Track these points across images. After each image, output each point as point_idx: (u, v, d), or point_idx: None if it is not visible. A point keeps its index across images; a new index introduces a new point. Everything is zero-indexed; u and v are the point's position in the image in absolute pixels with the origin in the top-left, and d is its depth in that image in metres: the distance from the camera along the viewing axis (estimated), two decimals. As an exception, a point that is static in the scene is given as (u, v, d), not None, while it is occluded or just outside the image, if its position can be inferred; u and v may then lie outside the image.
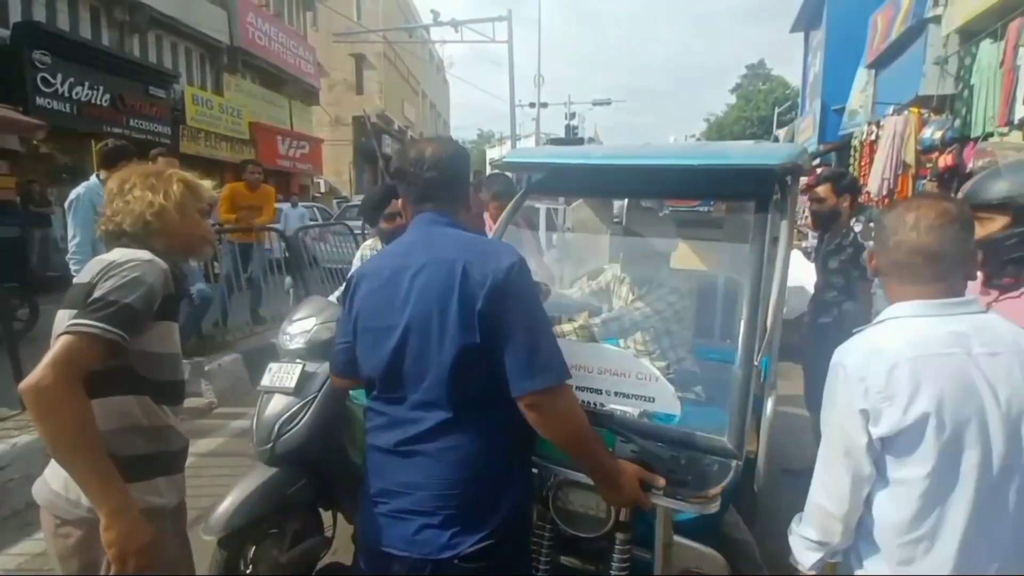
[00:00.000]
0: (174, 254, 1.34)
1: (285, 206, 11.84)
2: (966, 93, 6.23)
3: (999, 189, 1.42)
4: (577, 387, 1.32)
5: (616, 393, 1.28)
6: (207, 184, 1.44)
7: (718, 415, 1.56)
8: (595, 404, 1.30)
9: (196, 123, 12.65)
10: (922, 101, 7.32)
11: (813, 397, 3.05)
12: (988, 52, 5.83)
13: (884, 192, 7.21)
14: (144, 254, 1.23)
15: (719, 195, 1.86)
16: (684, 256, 3.14)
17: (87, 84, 9.96)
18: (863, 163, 8.26)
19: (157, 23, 12.32)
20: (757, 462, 2.01)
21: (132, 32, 11.92)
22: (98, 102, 10.26)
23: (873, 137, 7.98)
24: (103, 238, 1.33)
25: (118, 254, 1.23)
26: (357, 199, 13.66)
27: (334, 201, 17.58)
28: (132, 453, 1.20)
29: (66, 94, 9.60)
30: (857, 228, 2.76)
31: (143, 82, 11.26)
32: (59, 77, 9.38)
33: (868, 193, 7.48)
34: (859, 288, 2.72)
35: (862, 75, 10.42)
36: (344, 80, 23.57)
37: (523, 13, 17.02)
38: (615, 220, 3.19)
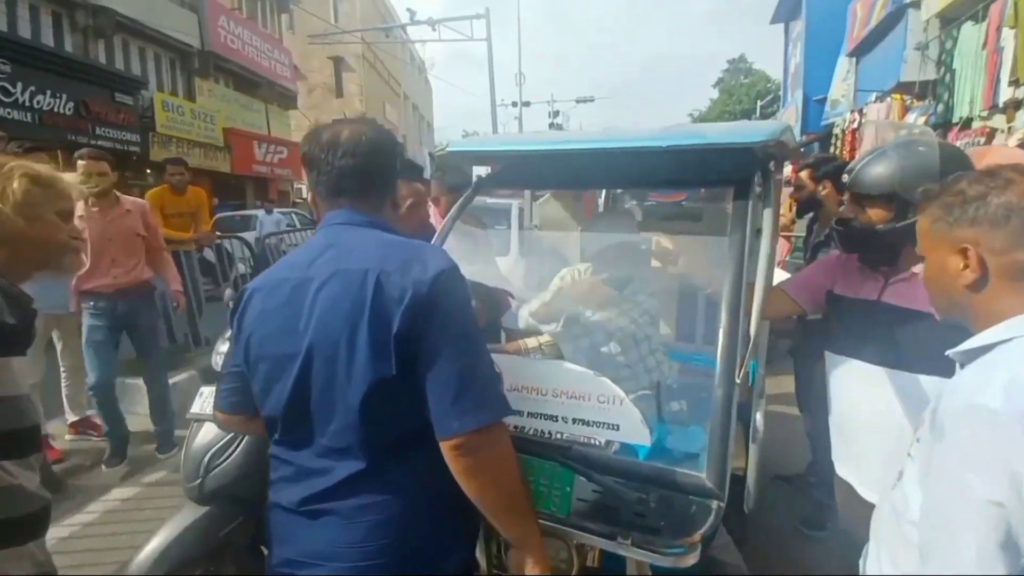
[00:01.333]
0: (21, 268, 1.10)
1: (259, 212, 11.53)
2: (948, 78, 6.13)
3: (883, 179, 1.38)
4: (529, 413, 1.11)
5: (575, 420, 1.07)
6: (71, 179, 1.19)
7: (703, 436, 1.36)
8: (549, 433, 1.09)
9: (167, 130, 12.29)
10: (904, 87, 7.23)
11: (806, 398, 2.86)
12: (970, 35, 5.73)
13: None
14: None
15: (694, 182, 1.66)
16: (664, 253, 2.95)
17: (49, 92, 9.58)
18: (845, 152, 8.15)
19: (123, 27, 11.93)
20: (747, 480, 1.82)
21: (97, 37, 11.53)
22: (61, 110, 9.89)
23: (855, 125, 7.87)
24: None
25: None
26: None
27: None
28: None
29: (27, 103, 9.23)
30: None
31: (109, 88, 10.89)
32: (19, 86, 9.02)
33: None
34: None
35: (843, 64, 10.35)
36: (323, 84, 23.25)
37: (501, 13, 16.83)
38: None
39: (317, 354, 0.92)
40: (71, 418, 3.37)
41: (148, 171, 12.26)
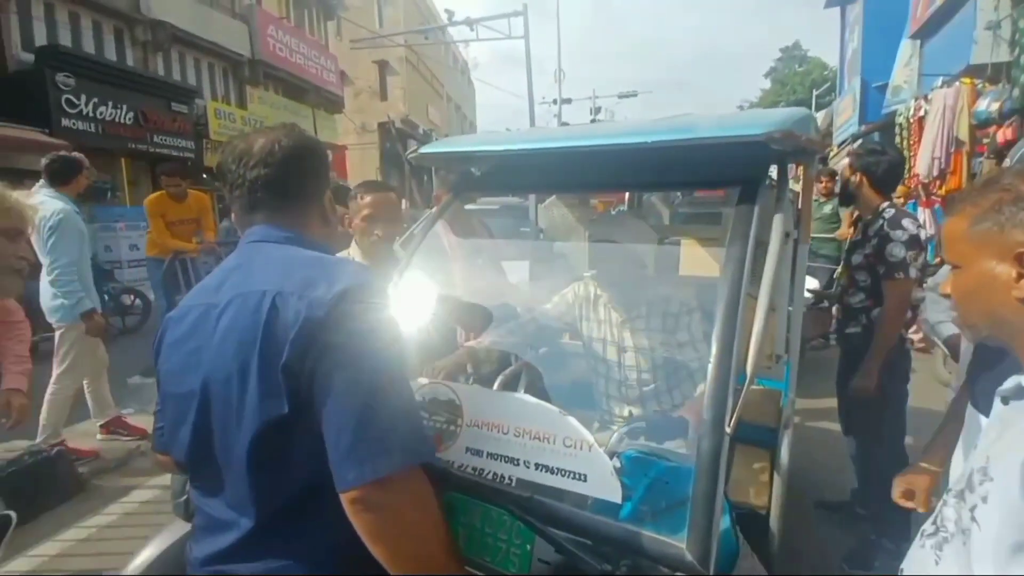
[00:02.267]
0: None
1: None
2: (1023, 59, 5.49)
3: None
4: (489, 453, 0.97)
5: (538, 465, 0.92)
6: (17, 196, 1.14)
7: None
8: (508, 479, 0.94)
9: (219, 136, 12.84)
10: (974, 71, 6.56)
11: (847, 422, 2.57)
12: (1053, 9, 5.10)
13: (935, 173, 6.49)
14: None
15: (696, 182, 1.46)
16: (692, 260, 2.70)
17: (111, 103, 10.20)
18: (911, 142, 7.49)
19: (179, 40, 12.56)
20: (770, 520, 1.60)
21: (155, 50, 12.19)
22: (122, 120, 10.50)
23: (921, 113, 7.21)
24: None
25: None
26: None
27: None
28: None
29: (90, 114, 9.84)
30: (888, 214, 2.26)
31: (165, 98, 11.49)
32: (83, 98, 9.62)
33: (917, 175, 6.76)
34: (886, 289, 2.23)
35: (906, 47, 9.56)
36: (368, 87, 23.76)
37: (541, 7, 16.62)
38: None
39: (213, 392, 0.81)
40: (100, 420, 3.47)
41: (204, 175, 12.89)
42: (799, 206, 1.72)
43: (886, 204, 2.32)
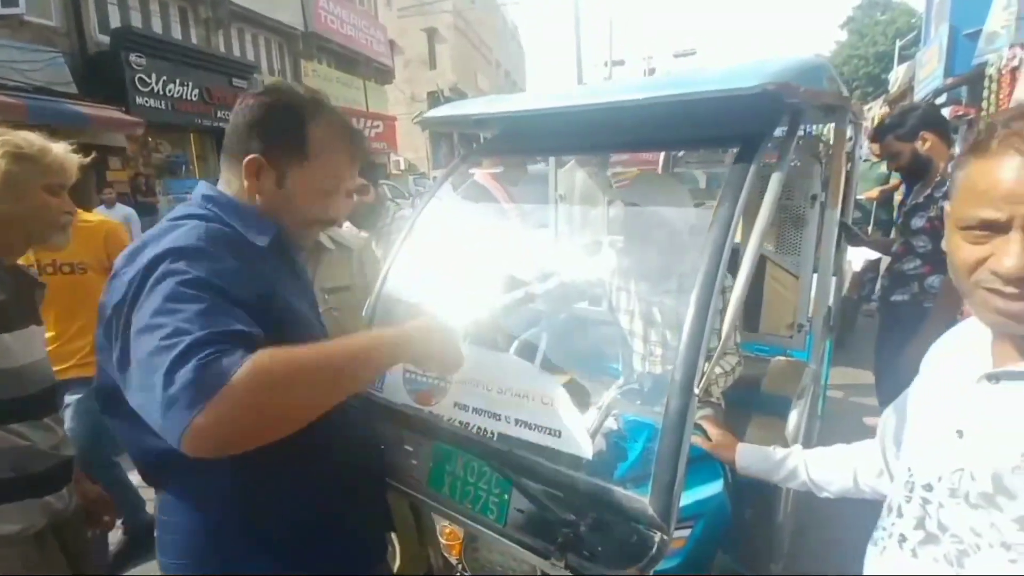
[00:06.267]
0: (10, 246, 1.17)
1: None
2: None
3: None
4: (475, 408, 1.01)
5: (517, 421, 0.95)
6: (60, 152, 1.23)
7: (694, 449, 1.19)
8: (490, 433, 0.98)
9: (277, 110, 13.29)
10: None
11: (885, 399, 2.44)
12: None
13: (1028, 131, 5.81)
14: None
15: (702, 141, 1.41)
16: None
17: (178, 81, 10.76)
18: (1001, 97, 6.72)
19: (237, 16, 12.99)
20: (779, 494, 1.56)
21: (216, 28, 12.67)
22: (188, 97, 11.07)
23: (1016, 63, 6.44)
24: None
25: None
26: (435, 174, 13.62)
27: (411, 178, 17.90)
28: None
29: (161, 92, 10.44)
30: None
31: (227, 75, 11.98)
32: (153, 76, 10.21)
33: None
34: None
35: (1006, -13, 8.46)
36: (418, 56, 23.76)
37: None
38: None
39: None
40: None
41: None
42: (831, 168, 1.62)
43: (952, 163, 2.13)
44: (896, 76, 15.73)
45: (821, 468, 1.10)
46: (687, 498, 1.22)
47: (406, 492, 1.05)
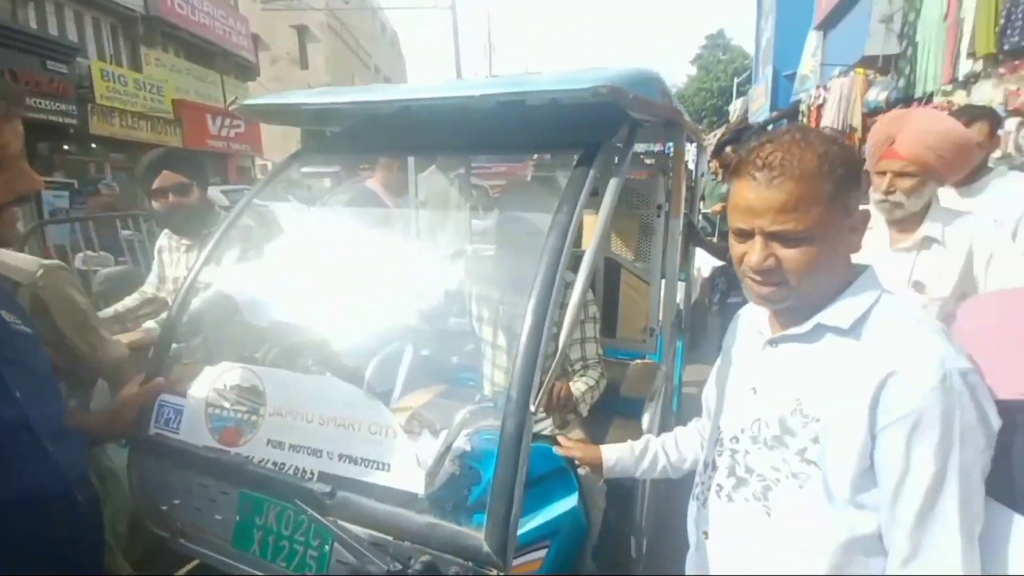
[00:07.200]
0: None
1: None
2: (910, 51, 5.94)
3: None
4: (291, 445, 0.86)
5: (341, 456, 0.82)
6: None
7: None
8: (310, 472, 0.84)
9: (108, 101, 11.54)
10: (868, 62, 7.02)
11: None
12: (932, 5, 5.52)
13: (830, 158, 6.93)
14: None
15: (543, 146, 1.40)
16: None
17: (-32, 59, 8.85)
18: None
19: (55, -11, 11.09)
20: (638, 495, 1.60)
21: (26, 1, 10.67)
22: (-16, 78, 9.15)
23: (820, 101, 7.68)
24: None
25: None
26: (308, 182, 12.58)
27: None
28: None
29: (-58, 70, 8.50)
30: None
31: (39, 56, 10.11)
32: (-68, 50, 8.29)
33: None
34: None
35: (812, 38, 10.11)
36: (287, 54, 22.25)
37: (469, -22, 16.08)
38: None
39: None
40: None
41: (93, 145, 11.57)
42: (674, 181, 1.70)
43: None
44: (735, 108, 18.01)
45: (674, 448, 1.23)
46: (542, 517, 1.17)
47: (204, 555, 0.86)
